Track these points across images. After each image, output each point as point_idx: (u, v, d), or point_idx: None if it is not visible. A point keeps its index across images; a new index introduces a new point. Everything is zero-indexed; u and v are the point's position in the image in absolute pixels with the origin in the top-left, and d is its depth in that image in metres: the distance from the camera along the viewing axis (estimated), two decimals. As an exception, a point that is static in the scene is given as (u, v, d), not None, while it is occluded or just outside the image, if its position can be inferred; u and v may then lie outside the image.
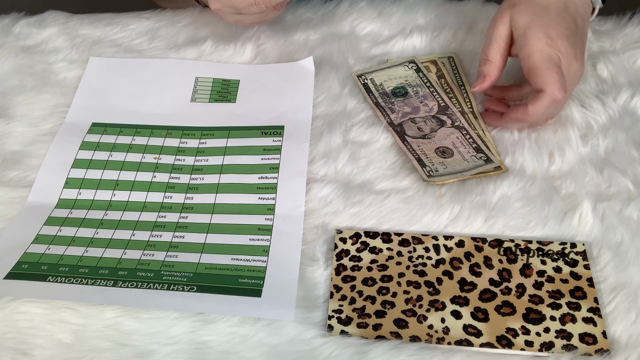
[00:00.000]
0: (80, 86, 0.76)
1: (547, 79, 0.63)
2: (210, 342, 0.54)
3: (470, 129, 0.68)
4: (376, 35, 0.81)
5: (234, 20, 0.73)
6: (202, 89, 0.76)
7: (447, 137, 0.67)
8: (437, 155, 0.66)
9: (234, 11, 0.71)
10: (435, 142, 0.67)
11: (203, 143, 0.70)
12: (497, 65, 0.67)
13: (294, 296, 0.56)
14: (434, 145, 0.67)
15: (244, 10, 0.70)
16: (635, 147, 0.67)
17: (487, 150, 0.66)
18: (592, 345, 0.53)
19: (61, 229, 0.62)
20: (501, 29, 0.67)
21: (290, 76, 0.76)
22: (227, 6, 0.70)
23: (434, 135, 0.68)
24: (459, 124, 0.68)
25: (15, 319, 0.56)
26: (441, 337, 0.54)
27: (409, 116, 0.70)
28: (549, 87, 0.63)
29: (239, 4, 0.69)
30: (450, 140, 0.67)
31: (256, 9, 0.69)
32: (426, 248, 0.60)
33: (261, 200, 0.64)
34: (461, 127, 0.68)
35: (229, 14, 0.72)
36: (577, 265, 0.59)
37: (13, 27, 0.83)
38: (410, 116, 0.70)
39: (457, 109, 0.70)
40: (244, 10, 0.70)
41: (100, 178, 0.67)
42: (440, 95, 0.72)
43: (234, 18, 0.73)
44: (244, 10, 0.70)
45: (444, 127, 0.68)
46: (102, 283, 0.57)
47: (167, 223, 0.63)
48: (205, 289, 0.57)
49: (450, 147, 0.66)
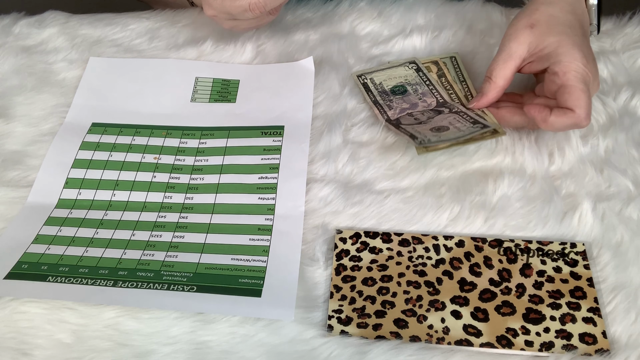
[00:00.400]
0: (80, 86, 0.76)
1: (580, 102, 0.61)
2: (210, 342, 0.54)
3: (470, 111, 0.67)
4: (376, 35, 0.81)
5: (229, 26, 0.74)
6: (202, 89, 0.76)
7: (444, 119, 0.67)
8: (431, 131, 0.65)
9: (229, 17, 0.71)
10: (431, 124, 0.67)
11: (203, 143, 0.70)
12: (499, 86, 0.66)
13: (294, 296, 0.56)
14: (429, 126, 0.66)
15: (239, 16, 0.70)
16: (635, 147, 0.67)
17: (484, 121, 0.65)
18: (592, 345, 0.53)
19: (61, 229, 0.62)
20: (517, 49, 0.65)
21: (290, 76, 0.76)
22: (222, 12, 0.70)
23: (431, 120, 0.67)
24: (456, 110, 0.68)
25: (15, 319, 0.56)
26: (441, 337, 0.54)
27: (406, 111, 0.70)
28: (579, 110, 0.61)
29: (234, 10, 0.69)
30: (448, 120, 0.66)
31: (251, 14, 0.69)
32: (426, 248, 0.60)
33: (261, 200, 0.64)
34: (459, 112, 0.68)
35: (224, 20, 0.72)
36: (577, 265, 0.59)
37: (13, 27, 0.83)
38: (408, 111, 0.70)
39: (457, 104, 0.70)
40: (239, 16, 0.70)
41: (100, 178, 0.67)
42: (440, 92, 0.72)
43: (229, 24, 0.73)
44: (238, 16, 0.70)
45: (441, 115, 0.68)
46: (102, 283, 0.57)
47: (167, 223, 0.63)
48: (205, 289, 0.57)
49: (446, 125, 0.66)
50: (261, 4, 0.68)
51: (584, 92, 0.62)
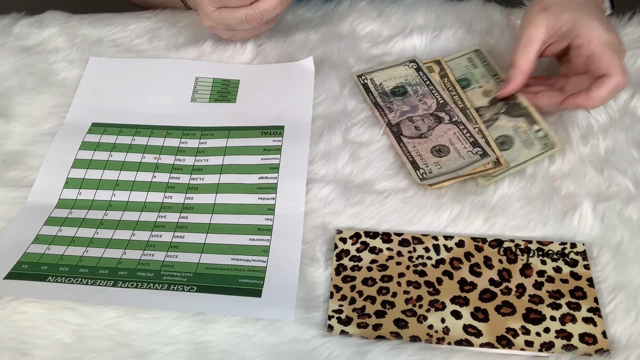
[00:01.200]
0: (80, 86, 0.76)
1: (612, 63, 0.62)
2: (210, 342, 0.54)
3: (469, 123, 0.68)
4: (376, 35, 0.81)
5: (227, 36, 0.75)
6: (202, 89, 0.76)
7: (444, 134, 0.67)
8: (432, 155, 0.66)
9: (226, 28, 0.73)
10: (431, 140, 0.67)
11: (203, 143, 0.70)
12: (523, 70, 0.66)
13: (294, 296, 0.56)
14: (430, 144, 0.67)
15: (236, 27, 0.72)
16: (635, 147, 0.67)
17: (484, 144, 0.66)
18: (592, 345, 0.53)
19: (61, 229, 0.62)
20: (536, 32, 0.65)
21: (290, 76, 0.76)
22: (219, 23, 0.72)
23: (431, 133, 0.68)
24: (456, 119, 0.68)
25: (15, 319, 0.56)
26: (441, 337, 0.54)
27: (407, 115, 0.70)
28: (614, 70, 0.62)
29: (231, 21, 0.71)
30: (447, 137, 0.67)
31: (248, 25, 0.71)
32: (426, 248, 0.60)
33: (261, 200, 0.64)
34: (459, 122, 0.68)
35: (221, 30, 0.74)
36: (577, 265, 0.59)
37: (13, 27, 0.83)
38: (408, 115, 0.70)
39: (458, 105, 0.70)
40: (236, 27, 0.72)
41: (100, 178, 0.67)
42: (439, 92, 0.72)
43: (226, 34, 0.75)
44: (236, 27, 0.72)
45: (441, 124, 0.68)
46: (102, 283, 0.57)
47: (167, 223, 0.63)
48: (206, 289, 0.57)
49: (447, 145, 0.66)
50: (257, 15, 0.70)
51: (611, 54, 0.62)
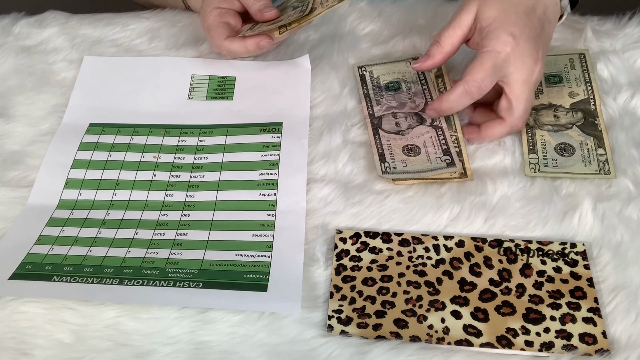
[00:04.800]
0: (76, 86, 0.76)
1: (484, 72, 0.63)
2: (210, 342, 0.54)
3: (448, 130, 0.68)
4: (376, 35, 0.81)
5: (231, 57, 0.78)
6: (198, 87, 0.76)
7: (421, 136, 0.67)
8: (402, 152, 0.66)
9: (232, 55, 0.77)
10: (406, 139, 0.67)
11: (202, 141, 0.70)
12: (445, 50, 0.67)
13: (300, 289, 0.56)
14: (404, 142, 0.67)
15: (240, 56, 0.77)
16: (635, 147, 0.67)
17: (455, 154, 0.66)
18: (592, 345, 0.53)
19: (63, 230, 0.62)
20: (464, 17, 0.66)
21: (286, 73, 0.76)
22: (226, 52, 0.75)
23: (409, 132, 0.68)
24: (437, 124, 0.69)
25: (15, 319, 0.56)
26: (441, 337, 0.54)
27: (392, 110, 0.70)
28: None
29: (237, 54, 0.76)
30: (423, 139, 0.67)
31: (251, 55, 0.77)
32: (426, 248, 0.60)
33: (262, 196, 0.64)
34: (438, 127, 0.68)
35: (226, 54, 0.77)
36: (577, 265, 0.59)
37: (13, 27, 0.83)
38: (394, 111, 0.70)
39: None
40: (240, 55, 0.77)
41: (100, 178, 0.67)
42: (431, 93, 0.72)
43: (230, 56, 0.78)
44: (240, 56, 0.77)
45: (422, 125, 0.68)
46: (108, 281, 0.57)
47: (169, 221, 0.63)
48: (212, 284, 0.57)
49: (420, 146, 0.66)
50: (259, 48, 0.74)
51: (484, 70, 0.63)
